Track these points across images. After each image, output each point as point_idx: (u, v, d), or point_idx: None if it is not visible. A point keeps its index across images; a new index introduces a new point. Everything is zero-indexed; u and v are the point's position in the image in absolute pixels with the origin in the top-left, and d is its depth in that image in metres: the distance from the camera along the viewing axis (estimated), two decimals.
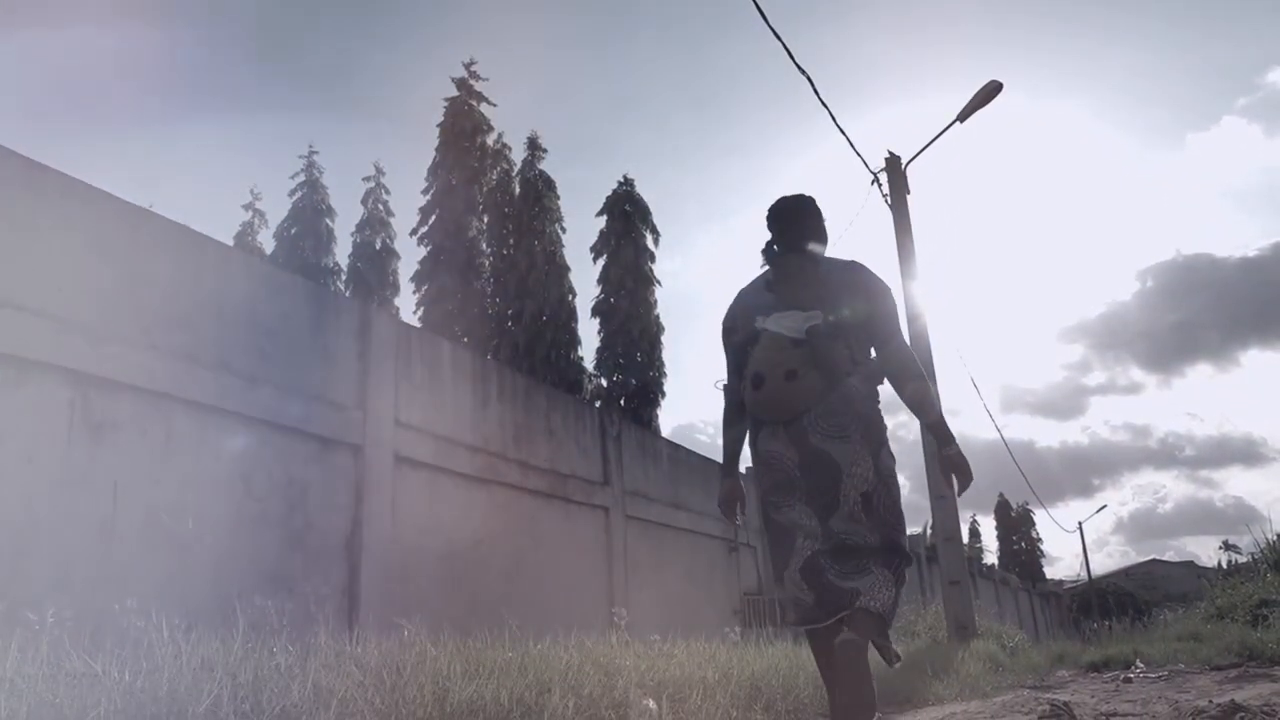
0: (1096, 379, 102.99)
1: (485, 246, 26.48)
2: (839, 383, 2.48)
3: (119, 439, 3.75)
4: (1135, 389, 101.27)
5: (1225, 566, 16.59)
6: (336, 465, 4.83)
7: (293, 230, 27.44)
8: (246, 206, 29.88)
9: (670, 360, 33.17)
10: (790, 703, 3.67)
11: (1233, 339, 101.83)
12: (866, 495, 2.46)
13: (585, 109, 67.93)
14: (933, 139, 9.94)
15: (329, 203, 28.29)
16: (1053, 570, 55.84)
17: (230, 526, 4.15)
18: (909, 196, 9.73)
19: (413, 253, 27.09)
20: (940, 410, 2.64)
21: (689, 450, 9.70)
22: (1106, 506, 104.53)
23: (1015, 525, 57.99)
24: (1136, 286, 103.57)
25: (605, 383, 24.75)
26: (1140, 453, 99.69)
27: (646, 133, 76.92)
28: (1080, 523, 45.45)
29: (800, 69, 7.78)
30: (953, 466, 2.59)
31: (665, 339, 25.20)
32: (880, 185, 9.73)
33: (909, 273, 9.36)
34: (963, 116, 9.75)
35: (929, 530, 12.94)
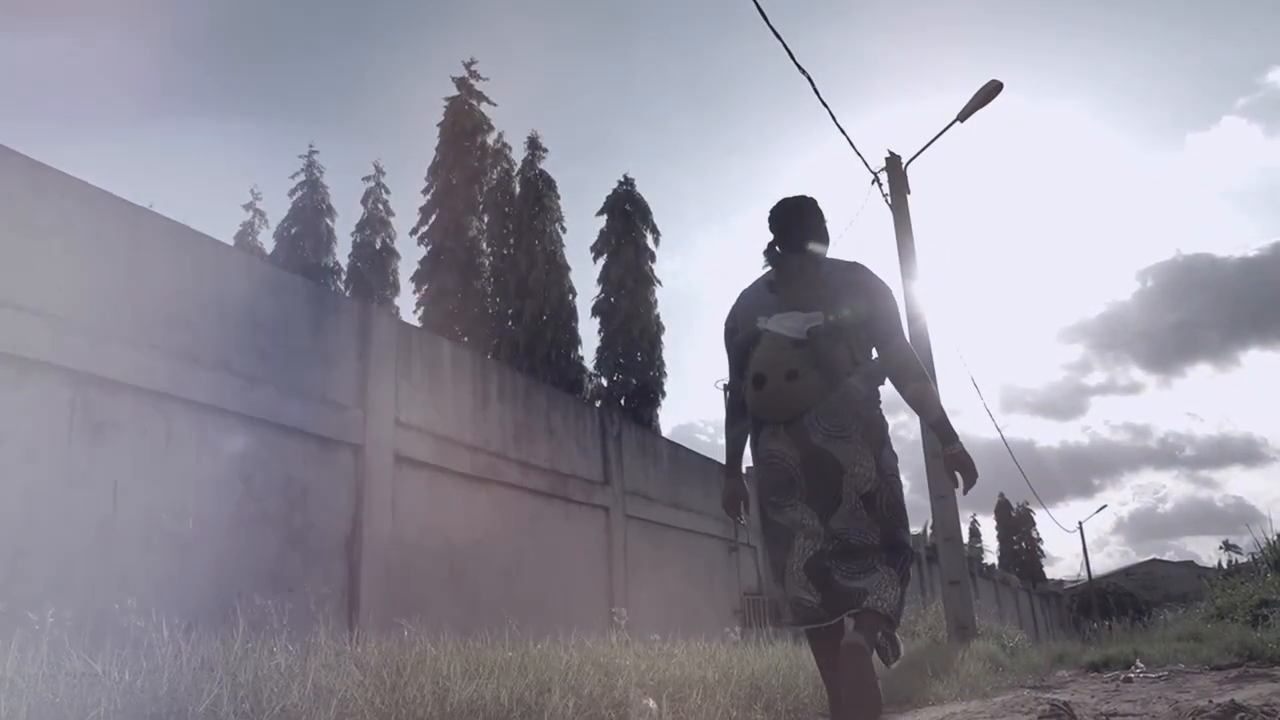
0: (1096, 379, 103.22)
1: (485, 246, 26.52)
2: (839, 383, 2.48)
3: (119, 439, 3.75)
4: (1135, 389, 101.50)
5: (1225, 566, 16.60)
6: (336, 465, 4.83)
7: (293, 230, 27.45)
8: (246, 206, 29.94)
9: (670, 360, 33.31)
10: (790, 702, 3.66)
11: (1233, 339, 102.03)
12: (869, 495, 2.47)
13: (585, 109, 67.99)
14: (933, 139, 9.94)
15: (329, 202, 28.34)
16: (1053, 570, 55.99)
17: (230, 526, 4.15)
18: (909, 196, 9.73)
19: (413, 252, 27.20)
20: (942, 409, 2.64)
21: (689, 450, 9.70)
22: (1106, 506, 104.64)
23: (1015, 525, 58.04)
24: (1136, 286, 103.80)
25: (605, 382, 24.77)
26: (1140, 453, 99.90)
27: (646, 133, 76.99)
28: (1080, 523, 45.49)
29: (800, 69, 7.78)
30: (957, 465, 2.59)
31: (665, 339, 25.28)
32: (880, 185, 9.74)
33: (909, 272, 9.36)
34: (963, 116, 9.75)
35: (929, 530, 12.95)
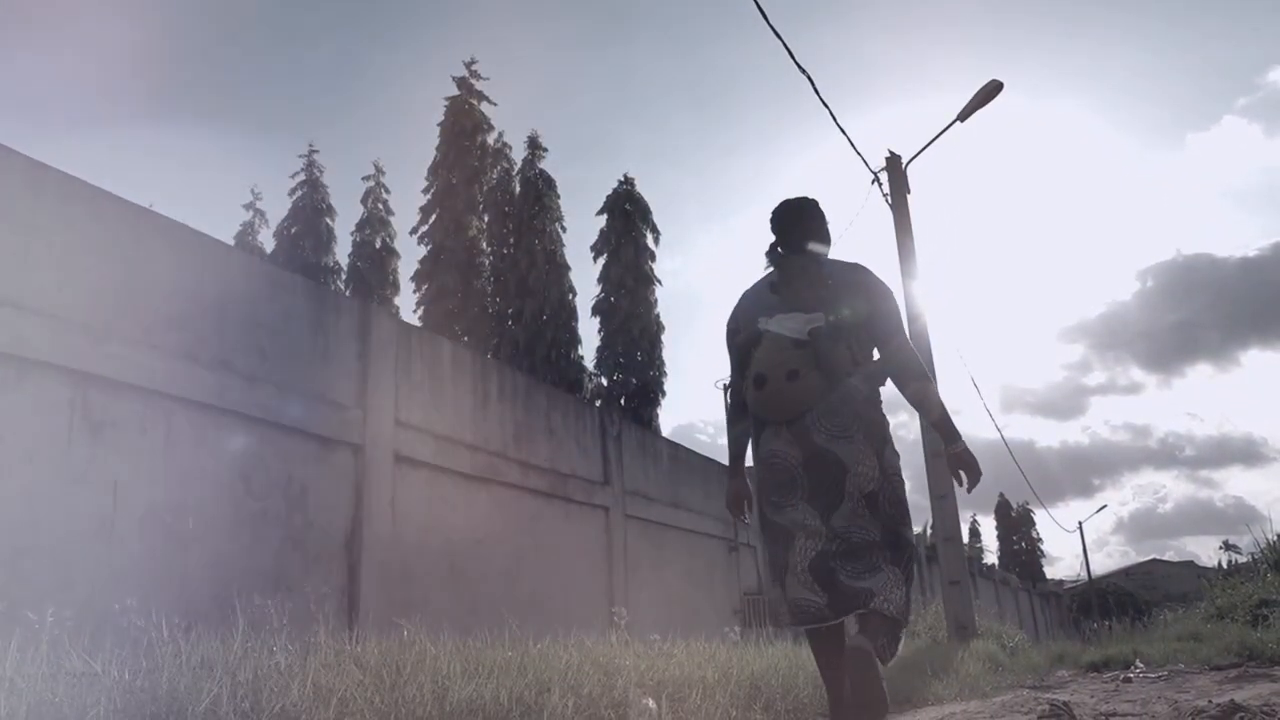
0: (1096, 379, 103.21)
1: (485, 246, 26.50)
2: (840, 383, 2.49)
3: (119, 438, 3.75)
4: (1135, 389, 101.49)
5: (1225, 566, 16.61)
6: (336, 464, 4.83)
7: (293, 229, 27.40)
8: (247, 206, 29.86)
9: (670, 360, 33.33)
10: (790, 702, 3.66)
11: (1233, 339, 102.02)
12: (872, 494, 2.47)
13: (585, 109, 68.02)
14: (933, 138, 9.95)
15: (329, 202, 28.27)
16: (1053, 570, 56.00)
17: (230, 526, 4.15)
18: (909, 196, 9.74)
19: (413, 252, 27.19)
20: (944, 408, 2.64)
21: (689, 450, 9.70)
22: (1106, 506, 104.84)
23: (1015, 525, 58.02)
24: (1136, 286, 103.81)
25: (605, 382, 24.74)
26: (1140, 453, 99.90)
27: (646, 133, 77.04)
28: (1080, 523, 45.53)
29: (801, 69, 7.79)
30: (961, 463, 2.60)
31: (665, 338, 25.22)
32: (881, 185, 9.74)
33: (909, 272, 9.36)
34: (963, 116, 9.75)
35: (929, 530, 12.94)
